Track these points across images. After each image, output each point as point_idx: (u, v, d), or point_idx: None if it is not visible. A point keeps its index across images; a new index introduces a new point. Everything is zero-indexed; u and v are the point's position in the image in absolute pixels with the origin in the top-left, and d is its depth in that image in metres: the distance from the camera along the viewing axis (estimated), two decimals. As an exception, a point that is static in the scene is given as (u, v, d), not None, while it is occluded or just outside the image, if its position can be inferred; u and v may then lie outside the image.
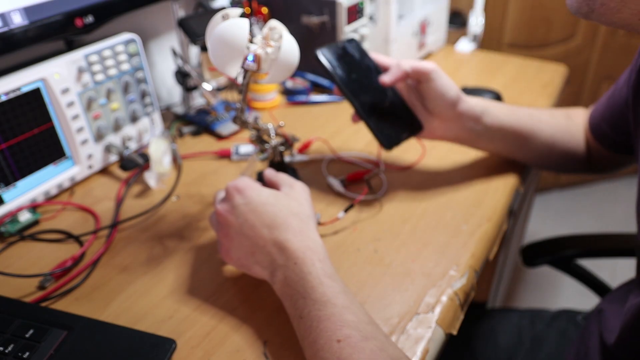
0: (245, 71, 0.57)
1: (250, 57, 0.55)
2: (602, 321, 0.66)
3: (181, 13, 0.85)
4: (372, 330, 0.45)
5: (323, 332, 0.44)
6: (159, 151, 0.74)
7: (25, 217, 0.68)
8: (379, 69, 0.70)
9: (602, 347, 0.63)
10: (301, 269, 0.49)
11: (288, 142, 0.68)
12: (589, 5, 0.39)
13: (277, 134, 0.67)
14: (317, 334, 0.45)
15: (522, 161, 0.76)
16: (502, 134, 0.71)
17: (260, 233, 0.52)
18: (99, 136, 0.76)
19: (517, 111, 0.72)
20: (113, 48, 0.75)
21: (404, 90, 0.72)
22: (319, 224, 0.64)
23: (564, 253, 0.93)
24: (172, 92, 1.02)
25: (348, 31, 0.95)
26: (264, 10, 0.99)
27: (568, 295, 1.69)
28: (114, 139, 0.79)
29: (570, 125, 0.74)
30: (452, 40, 1.25)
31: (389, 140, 0.68)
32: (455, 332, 0.55)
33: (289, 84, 1.00)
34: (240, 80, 0.59)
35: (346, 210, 0.65)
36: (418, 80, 0.67)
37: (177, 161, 0.80)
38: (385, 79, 0.67)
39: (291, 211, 0.53)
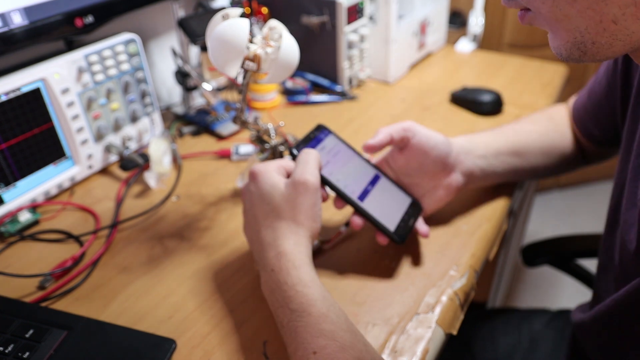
0: (245, 71, 0.57)
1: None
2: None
3: (181, 13, 0.85)
4: (350, 338, 0.44)
5: (300, 343, 0.44)
6: (159, 151, 0.74)
7: (25, 217, 0.68)
8: (362, 154, 0.64)
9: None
10: (277, 278, 0.49)
11: (288, 142, 0.68)
12: (580, 49, 0.38)
13: (277, 134, 0.67)
14: (295, 345, 0.45)
15: (527, 178, 0.74)
16: (500, 159, 0.67)
17: (257, 226, 0.54)
18: (99, 136, 0.76)
19: (502, 131, 0.70)
20: (113, 48, 0.75)
21: (394, 176, 0.66)
22: (327, 242, 0.63)
23: (564, 253, 0.93)
24: (172, 92, 1.02)
25: (348, 31, 0.95)
26: (264, 10, 0.99)
27: (568, 295, 1.69)
28: (114, 139, 0.79)
29: (556, 127, 0.73)
30: (452, 40, 1.25)
31: (399, 234, 0.59)
32: (455, 332, 0.55)
33: (289, 84, 1.00)
34: (240, 80, 0.59)
35: (347, 225, 0.65)
36: (405, 138, 0.62)
37: (177, 161, 0.80)
38: (370, 141, 0.61)
39: (281, 215, 0.52)
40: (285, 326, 0.47)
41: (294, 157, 0.57)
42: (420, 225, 0.62)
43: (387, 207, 0.61)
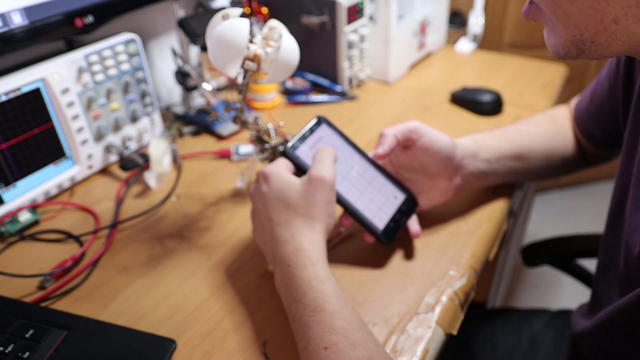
0: (245, 71, 0.57)
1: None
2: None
3: (181, 13, 0.85)
4: (362, 337, 0.45)
5: (312, 338, 0.44)
6: (159, 151, 0.74)
7: (25, 217, 0.68)
8: (358, 147, 0.63)
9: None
10: (293, 273, 0.49)
11: (288, 142, 0.68)
12: (578, 47, 0.38)
13: (277, 134, 0.67)
14: (307, 340, 0.45)
15: (527, 180, 0.74)
16: (502, 163, 0.67)
17: (270, 226, 0.54)
18: (99, 136, 0.76)
19: (506, 133, 0.70)
20: (113, 48, 0.75)
21: (393, 169, 0.66)
22: (327, 242, 0.62)
23: (564, 253, 0.93)
24: (172, 92, 1.02)
25: (348, 31, 0.95)
26: (264, 10, 0.99)
27: (568, 295, 1.69)
28: (114, 139, 0.79)
29: (559, 129, 0.73)
30: (452, 40, 1.25)
31: (387, 235, 0.59)
32: (455, 332, 0.55)
33: (289, 84, 1.00)
34: (240, 80, 0.59)
35: None
36: (410, 140, 0.61)
37: (177, 161, 0.80)
38: (380, 150, 0.60)
39: (297, 212, 0.53)
40: (297, 321, 0.47)
41: (285, 155, 0.58)
42: (413, 223, 0.63)
43: (379, 205, 0.61)
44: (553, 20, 0.39)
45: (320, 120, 0.62)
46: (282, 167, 0.56)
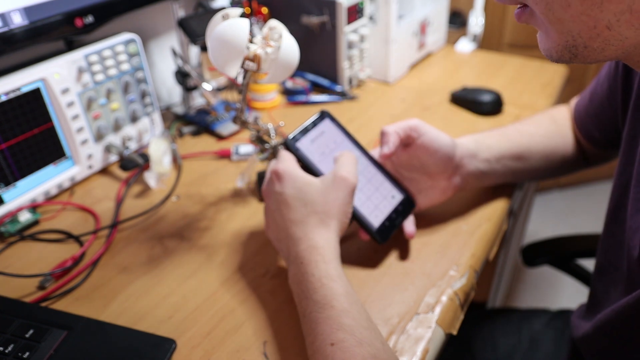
0: (245, 71, 0.57)
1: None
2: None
3: (181, 13, 0.85)
4: (369, 335, 0.45)
5: (319, 334, 0.45)
6: (159, 151, 0.74)
7: (25, 217, 0.68)
8: (360, 144, 0.64)
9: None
10: (306, 270, 0.50)
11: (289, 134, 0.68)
12: (571, 52, 0.38)
13: (277, 134, 0.67)
14: (314, 336, 0.45)
15: (527, 180, 0.75)
16: (502, 163, 0.68)
17: (284, 224, 0.54)
18: (99, 136, 0.76)
19: (506, 133, 0.70)
20: (113, 48, 0.75)
21: (392, 167, 0.66)
22: None
23: (564, 253, 0.93)
24: (172, 92, 1.02)
25: (348, 31, 0.95)
26: (264, 10, 0.99)
27: (568, 295, 1.69)
28: (114, 139, 0.79)
29: (559, 129, 0.73)
30: (452, 40, 1.25)
31: (381, 234, 0.60)
32: (455, 332, 0.55)
33: (289, 84, 1.00)
34: (240, 80, 0.59)
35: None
36: (410, 138, 0.62)
37: (177, 161, 0.80)
38: (385, 150, 0.60)
39: (314, 209, 0.53)
40: (307, 316, 0.47)
41: (285, 146, 0.58)
42: (408, 224, 0.63)
43: (375, 203, 0.61)
44: (546, 24, 0.39)
45: (324, 115, 0.62)
46: (294, 166, 0.56)
